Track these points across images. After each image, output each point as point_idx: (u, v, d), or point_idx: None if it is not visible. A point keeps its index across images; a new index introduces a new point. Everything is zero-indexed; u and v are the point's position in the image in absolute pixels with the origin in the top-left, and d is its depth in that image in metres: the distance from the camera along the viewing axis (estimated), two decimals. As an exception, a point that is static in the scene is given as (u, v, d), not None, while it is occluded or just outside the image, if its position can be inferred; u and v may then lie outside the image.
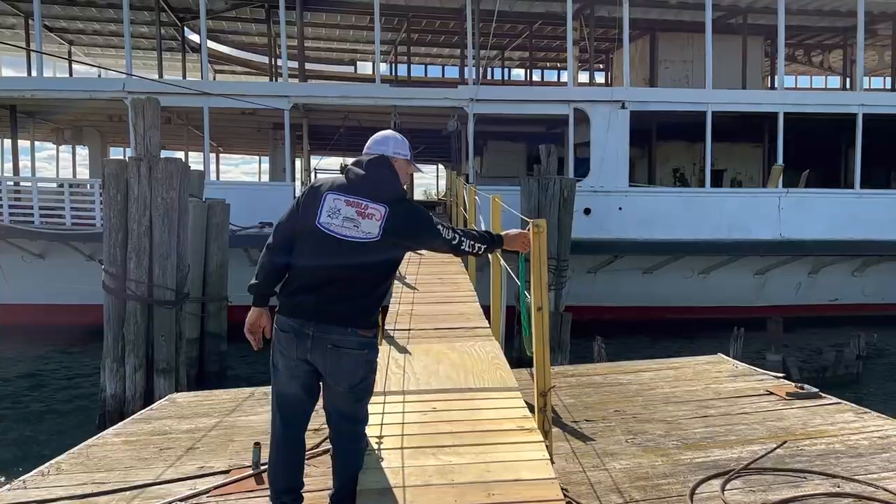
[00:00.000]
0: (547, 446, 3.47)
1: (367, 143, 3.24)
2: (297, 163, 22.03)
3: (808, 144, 17.78)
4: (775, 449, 4.13)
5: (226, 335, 11.38)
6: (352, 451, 3.11)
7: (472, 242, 3.27)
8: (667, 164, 20.49)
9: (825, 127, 17.03)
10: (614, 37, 17.94)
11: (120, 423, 5.11)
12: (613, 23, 16.44)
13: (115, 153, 23.26)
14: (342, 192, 3.01)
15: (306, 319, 2.92)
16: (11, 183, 15.03)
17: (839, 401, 5.13)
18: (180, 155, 20.96)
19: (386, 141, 3.21)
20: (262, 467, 3.79)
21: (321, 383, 3.05)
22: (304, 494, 3.16)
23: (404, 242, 3.10)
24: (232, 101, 14.37)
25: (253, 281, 3.08)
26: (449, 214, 19.04)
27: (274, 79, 20.82)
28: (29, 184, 15.00)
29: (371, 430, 3.59)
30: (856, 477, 3.73)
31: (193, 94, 14.42)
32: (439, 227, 3.16)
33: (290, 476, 3.10)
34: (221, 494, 3.61)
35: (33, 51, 14.92)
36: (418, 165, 3.50)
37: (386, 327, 6.13)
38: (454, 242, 3.20)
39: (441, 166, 31.85)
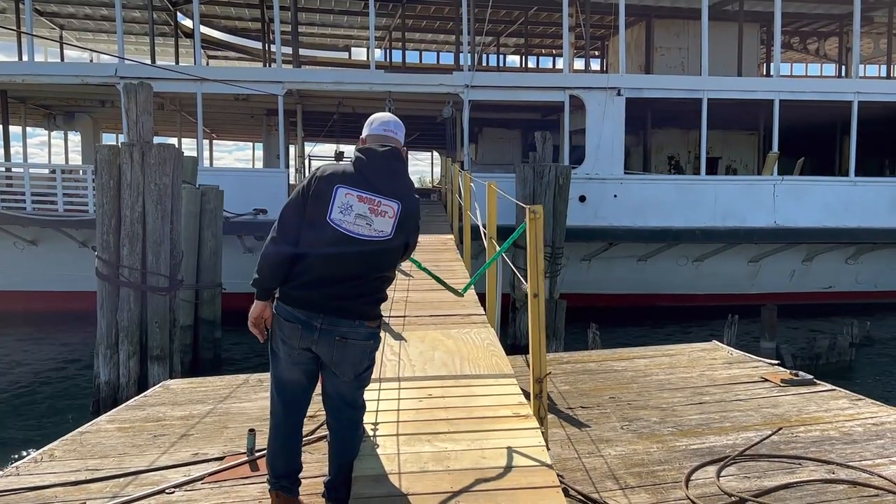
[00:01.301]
0: (542, 433, 3.46)
1: (374, 125, 3.10)
2: (292, 149, 21.95)
3: (803, 132, 17.77)
4: (770, 435, 4.14)
5: (220, 322, 11.36)
6: (350, 438, 3.11)
7: None
8: (662, 151, 20.48)
9: (820, 115, 17.01)
10: (610, 23, 17.86)
11: (114, 410, 5.09)
12: (609, 9, 16.35)
13: (108, 139, 23.13)
14: (354, 186, 2.90)
15: (314, 312, 2.87)
16: (3, 169, 14.93)
17: (834, 388, 5.15)
18: (173, 141, 20.85)
19: (398, 127, 3.11)
20: (257, 454, 3.79)
21: (321, 370, 3.02)
22: (300, 479, 3.15)
23: (408, 238, 3.05)
24: (225, 86, 14.25)
25: (256, 275, 2.96)
26: (444, 202, 19.03)
27: (268, 64, 20.68)
28: (21, 170, 14.89)
29: (366, 417, 3.58)
30: (850, 463, 3.74)
31: (186, 80, 14.30)
32: None
33: (289, 460, 3.09)
34: (216, 481, 3.60)
35: (24, 32, 14.73)
36: (412, 153, 3.44)
37: (381, 314, 6.10)
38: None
39: (436, 153, 31.77)
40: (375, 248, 2.89)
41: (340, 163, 3.12)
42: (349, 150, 21.77)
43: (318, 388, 3.11)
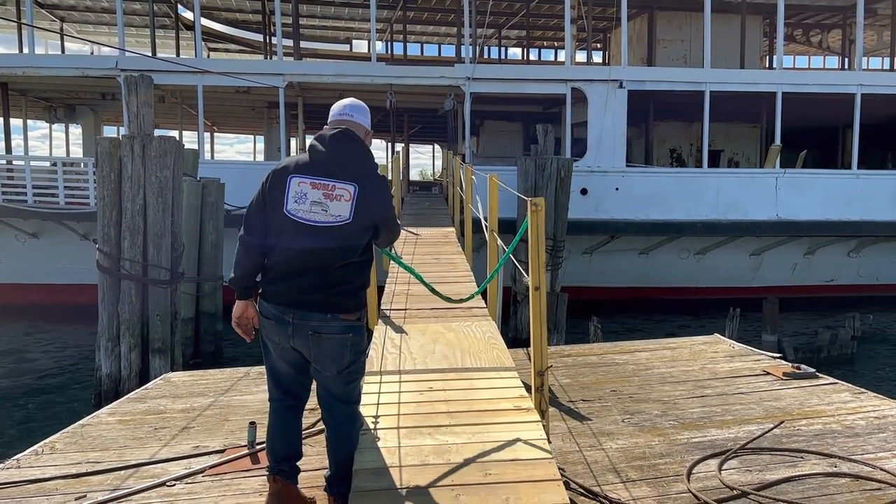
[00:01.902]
0: (544, 426, 3.45)
1: (333, 112, 3.08)
2: (293, 142, 21.90)
3: (805, 125, 17.70)
4: (772, 429, 4.13)
5: (221, 315, 11.37)
6: (347, 432, 3.09)
7: None
8: (664, 144, 20.43)
9: (823, 108, 16.95)
10: (612, 16, 17.81)
11: (115, 403, 5.09)
12: (611, 1, 16.28)
13: (109, 132, 23.08)
14: (306, 173, 2.86)
15: (286, 307, 2.86)
16: (4, 162, 14.91)
17: (836, 381, 5.13)
18: (174, 134, 20.79)
19: (355, 110, 3.06)
20: (258, 447, 3.78)
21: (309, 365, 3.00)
22: (300, 468, 3.14)
23: (376, 223, 2.96)
24: (226, 79, 14.21)
25: (232, 275, 2.97)
26: (445, 195, 19.00)
27: (269, 57, 20.62)
28: (22, 162, 14.88)
29: (367, 410, 3.58)
30: (853, 457, 3.73)
31: (187, 72, 14.26)
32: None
33: (288, 443, 3.07)
34: (217, 474, 3.60)
35: (24, 24, 14.70)
36: (413, 146, 3.41)
37: (382, 307, 6.10)
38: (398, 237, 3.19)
39: (437, 146, 31.69)
40: (335, 234, 2.83)
41: (296, 154, 3.10)
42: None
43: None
